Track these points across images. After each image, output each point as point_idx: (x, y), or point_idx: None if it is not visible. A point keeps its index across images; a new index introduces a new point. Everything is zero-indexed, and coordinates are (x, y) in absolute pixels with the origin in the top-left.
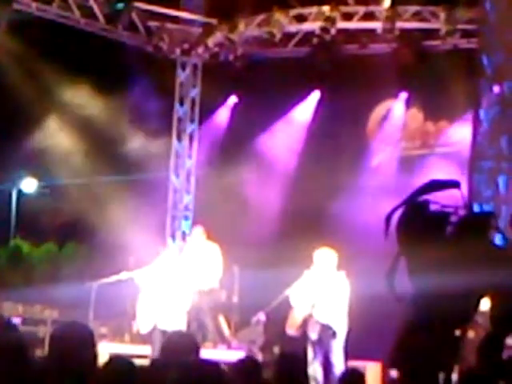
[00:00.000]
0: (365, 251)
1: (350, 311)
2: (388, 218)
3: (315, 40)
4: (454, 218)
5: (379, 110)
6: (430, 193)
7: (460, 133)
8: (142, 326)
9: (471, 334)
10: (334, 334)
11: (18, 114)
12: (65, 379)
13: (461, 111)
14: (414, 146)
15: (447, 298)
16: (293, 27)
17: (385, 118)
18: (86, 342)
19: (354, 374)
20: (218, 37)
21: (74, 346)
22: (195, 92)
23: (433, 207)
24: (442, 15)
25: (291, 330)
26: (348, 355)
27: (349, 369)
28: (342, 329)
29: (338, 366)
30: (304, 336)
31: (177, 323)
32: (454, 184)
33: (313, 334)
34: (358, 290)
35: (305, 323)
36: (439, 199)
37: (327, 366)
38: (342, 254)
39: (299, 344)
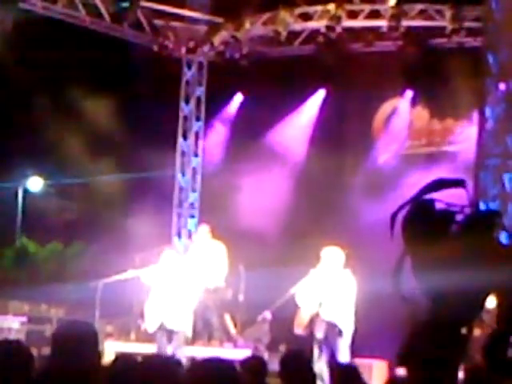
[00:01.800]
0: (371, 249)
1: (357, 310)
2: (394, 217)
3: (320, 38)
4: (459, 217)
5: (385, 108)
6: (435, 191)
7: (466, 131)
8: (149, 325)
9: (477, 332)
10: (340, 333)
11: (24, 113)
12: (67, 377)
13: (466, 109)
14: (419, 144)
15: (453, 296)
16: (298, 25)
17: (390, 116)
18: (89, 341)
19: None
20: (223, 35)
21: (76, 344)
22: (201, 90)
23: (438, 206)
24: (448, 13)
25: (298, 329)
26: (354, 353)
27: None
28: (348, 327)
29: None
30: (310, 335)
31: (183, 322)
32: (460, 182)
33: (319, 333)
34: (365, 288)
35: (312, 322)
36: (445, 198)
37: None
38: (348, 252)
39: (305, 342)
